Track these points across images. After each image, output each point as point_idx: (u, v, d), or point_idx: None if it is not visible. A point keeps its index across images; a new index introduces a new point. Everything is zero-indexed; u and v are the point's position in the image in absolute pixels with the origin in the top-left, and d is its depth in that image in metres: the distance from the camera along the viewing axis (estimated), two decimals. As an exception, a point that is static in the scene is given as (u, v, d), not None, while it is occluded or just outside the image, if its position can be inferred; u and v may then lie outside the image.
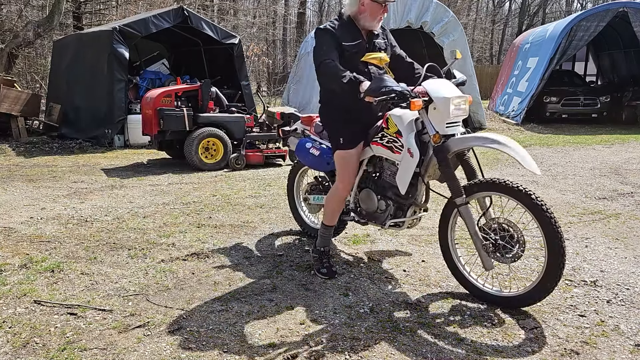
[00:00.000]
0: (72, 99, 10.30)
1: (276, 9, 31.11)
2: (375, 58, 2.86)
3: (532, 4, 36.30)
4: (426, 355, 2.38)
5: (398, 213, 3.21)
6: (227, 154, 7.38)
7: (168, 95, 7.39)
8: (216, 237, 4.14)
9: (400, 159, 3.03)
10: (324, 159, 3.54)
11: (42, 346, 2.44)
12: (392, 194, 3.20)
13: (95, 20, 17.41)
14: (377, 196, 3.29)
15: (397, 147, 3.06)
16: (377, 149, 3.20)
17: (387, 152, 3.14)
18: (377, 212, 3.31)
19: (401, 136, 3.02)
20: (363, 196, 3.39)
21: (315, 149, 3.60)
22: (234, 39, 10.45)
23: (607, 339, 2.53)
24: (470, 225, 2.84)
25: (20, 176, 6.74)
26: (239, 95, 10.24)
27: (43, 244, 3.93)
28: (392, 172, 3.19)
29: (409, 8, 11.69)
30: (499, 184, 2.73)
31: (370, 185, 3.35)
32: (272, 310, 2.84)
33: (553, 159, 7.91)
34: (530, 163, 2.68)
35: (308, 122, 3.84)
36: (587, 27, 12.96)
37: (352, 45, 3.12)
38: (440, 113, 2.84)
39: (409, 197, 3.11)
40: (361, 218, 3.45)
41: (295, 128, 3.96)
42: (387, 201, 3.24)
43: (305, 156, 3.66)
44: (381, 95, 2.75)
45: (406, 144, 2.98)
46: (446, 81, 2.97)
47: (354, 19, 3.19)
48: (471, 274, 3.01)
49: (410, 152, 2.95)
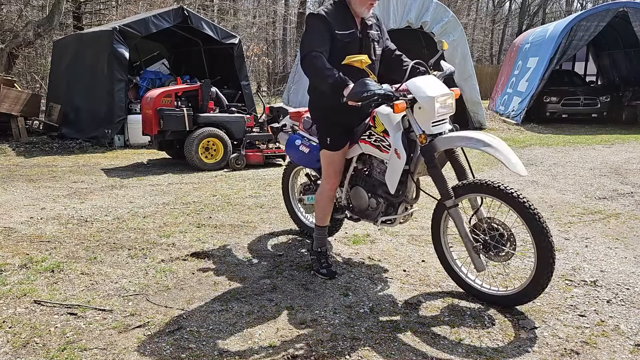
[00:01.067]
0: (72, 99, 10.30)
1: (276, 9, 31.11)
2: (357, 60, 2.78)
3: (532, 4, 36.29)
4: (426, 355, 2.38)
5: (389, 210, 3.18)
6: (227, 154, 7.38)
7: (168, 95, 7.39)
8: (216, 237, 4.14)
9: (389, 158, 3.00)
10: (313, 156, 3.48)
11: (42, 346, 2.44)
12: (382, 192, 3.17)
13: (95, 20, 17.42)
14: (368, 194, 3.25)
15: (384, 146, 3.03)
16: (365, 147, 3.17)
17: (376, 151, 3.10)
18: (368, 209, 3.28)
19: (388, 135, 2.98)
20: (354, 194, 3.36)
21: (305, 146, 3.54)
22: (234, 39, 10.45)
23: (607, 339, 2.53)
24: (460, 228, 2.83)
25: (20, 176, 6.74)
26: (239, 95, 10.25)
27: (43, 244, 3.93)
28: (382, 170, 3.16)
29: (409, 8, 11.69)
30: (484, 185, 2.72)
31: (360, 183, 3.32)
32: (272, 310, 2.84)
33: (553, 159, 7.91)
34: (515, 164, 2.63)
35: (297, 117, 3.77)
36: (587, 27, 12.96)
37: (345, 34, 3.02)
38: (425, 112, 2.80)
39: (399, 195, 3.09)
40: (353, 214, 3.43)
41: (284, 124, 3.87)
42: (378, 199, 3.20)
43: (295, 154, 3.60)
44: (363, 100, 2.70)
45: (393, 145, 2.94)
46: (431, 78, 2.91)
47: (348, 3, 3.07)
48: (468, 275, 2.99)
49: (397, 154, 2.92)
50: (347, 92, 2.80)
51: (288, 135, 3.75)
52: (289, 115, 3.85)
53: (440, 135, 2.84)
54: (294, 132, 3.77)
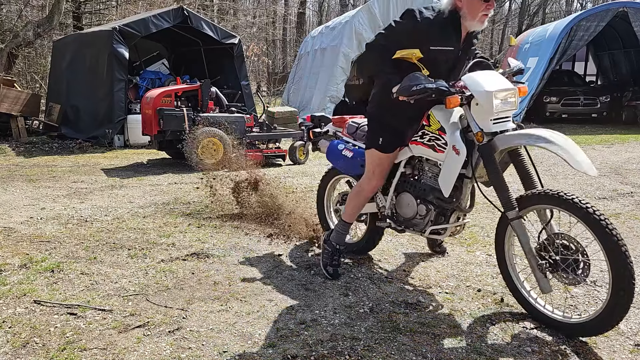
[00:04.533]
0: (72, 99, 10.30)
1: (276, 9, 31.12)
2: (409, 54, 2.61)
3: (532, 4, 36.28)
4: (426, 355, 2.38)
5: (439, 219, 2.94)
6: (227, 154, 7.37)
7: (168, 95, 7.40)
8: (216, 237, 4.14)
9: (444, 158, 2.76)
10: (357, 162, 3.31)
11: (42, 346, 2.44)
12: (434, 198, 2.91)
13: (95, 20, 17.43)
14: (417, 200, 3.01)
15: (439, 146, 2.79)
16: (416, 148, 2.95)
17: (429, 152, 2.88)
18: (415, 218, 3.03)
19: (444, 133, 2.76)
20: (400, 201, 3.12)
21: (348, 150, 3.39)
22: (234, 39, 10.46)
23: (607, 339, 2.53)
24: (523, 243, 2.55)
25: (20, 176, 6.74)
26: (239, 95, 10.25)
27: (43, 244, 3.93)
28: (434, 174, 2.92)
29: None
30: (554, 196, 2.43)
31: (408, 189, 3.07)
32: (272, 310, 2.84)
33: (553, 159, 7.90)
34: (581, 162, 2.37)
35: (340, 123, 3.66)
36: (587, 27, 12.95)
37: (441, 51, 2.75)
38: (483, 109, 2.59)
39: (453, 201, 2.83)
40: (398, 225, 3.19)
41: (326, 130, 3.77)
42: (428, 205, 2.95)
43: (337, 159, 3.46)
44: (414, 95, 2.55)
45: (450, 141, 2.72)
46: (491, 73, 2.70)
47: (460, 16, 2.73)
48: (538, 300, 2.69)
49: (455, 150, 2.68)
50: (395, 88, 2.67)
51: (329, 141, 3.63)
52: (332, 122, 3.75)
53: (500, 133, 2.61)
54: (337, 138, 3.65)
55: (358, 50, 11.33)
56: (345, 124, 3.60)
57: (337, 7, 34.77)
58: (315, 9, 36.67)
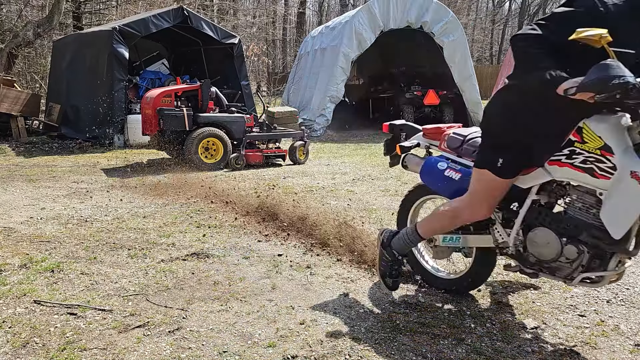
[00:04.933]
0: (72, 99, 10.30)
1: (276, 9, 31.13)
2: (593, 36, 1.95)
3: (532, 4, 36.31)
4: (426, 355, 2.38)
5: (593, 263, 2.32)
6: (227, 154, 7.38)
7: (168, 95, 7.39)
8: (216, 237, 4.14)
9: (610, 187, 2.16)
10: (467, 184, 2.62)
11: (42, 346, 2.44)
12: (589, 237, 2.28)
13: (95, 20, 17.43)
14: (561, 239, 2.37)
15: (602, 170, 2.18)
16: (561, 171, 2.33)
17: (583, 177, 2.26)
18: (558, 261, 2.40)
19: (610, 154, 2.15)
20: (534, 238, 2.47)
21: (454, 171, 2.74)
22: (234, 39, 10.46)
23: (607, 339, 2.53)
24: None
25: (20, 176, 6.74)
26: (239, 95, 10.25)
27: (43, 244, 3.93)
28: (589, 205, 2.30)
29: (409, 8, 11.69)
30: None
31: (546, 223, 2.43)
32: (272, 310, 2.84)
33: None
34: None
35: (435, 134, 3.02)
36: (587, 27, 12.95)
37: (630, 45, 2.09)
38: None
39: (621, 243, 2.20)
40: (529, 267, 2.55)
41: (417, 143, 3.13)
42: (580, 246, 2.31)
43: (438, 181, 2.81)
44: (610, 90, 1.91)
45: (625, 165, 2.10)
46: None
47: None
48: None
49: (637, 176, 2.07)
50: (569, 83, 2.04)
51: (421, 158, 3.03)
52: (423, 133, 3.12)
53: None
54: (430, 154, 3.07)
55: (358, 50, 11.32)
56: (443, 136, 2.95)
57: (337, 7, 34.79)
58: (315, 9, 36.70)
